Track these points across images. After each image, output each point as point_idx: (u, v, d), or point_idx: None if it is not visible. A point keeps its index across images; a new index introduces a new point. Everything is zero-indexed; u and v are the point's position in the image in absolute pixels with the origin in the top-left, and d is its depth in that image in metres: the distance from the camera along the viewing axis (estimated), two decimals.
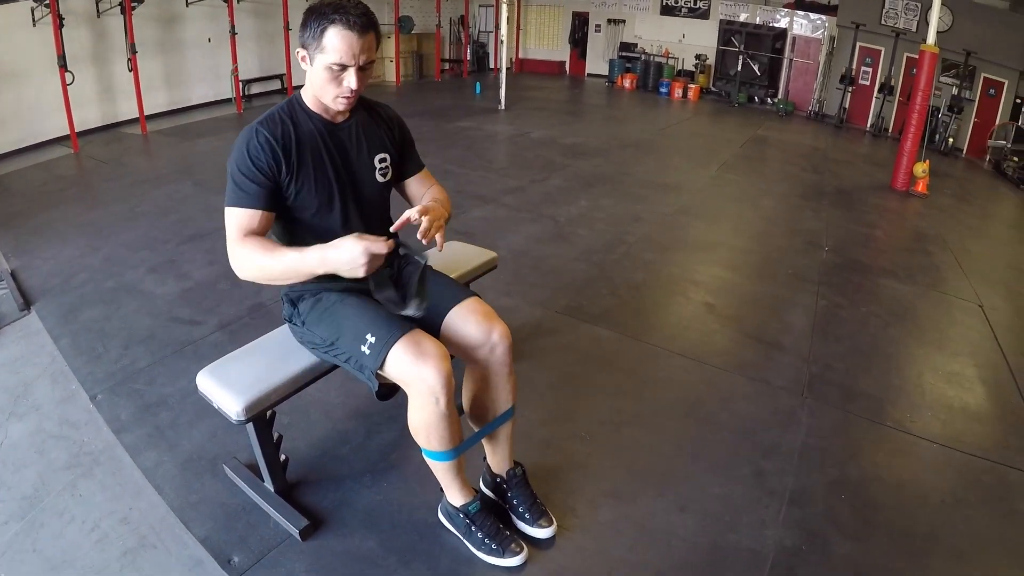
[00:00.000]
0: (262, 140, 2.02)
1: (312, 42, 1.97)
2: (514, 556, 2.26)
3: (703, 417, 3.24)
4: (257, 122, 2.07)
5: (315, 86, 2.07)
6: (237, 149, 2.04)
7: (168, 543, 2.28)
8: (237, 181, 2.02)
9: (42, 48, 7.33)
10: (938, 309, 4.90)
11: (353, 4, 1.96)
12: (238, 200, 2.02)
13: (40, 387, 3.11)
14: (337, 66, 1.97)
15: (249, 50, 10.77)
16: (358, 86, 2.03)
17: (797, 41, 14.32)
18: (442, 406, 1.98)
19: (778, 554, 2.43)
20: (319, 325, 2.19)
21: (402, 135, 2.40)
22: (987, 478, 2.99)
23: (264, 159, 2.01)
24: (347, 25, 1.92)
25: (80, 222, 5.17)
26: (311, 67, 2.03)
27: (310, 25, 1.96)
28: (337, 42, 1.93)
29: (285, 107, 2.14)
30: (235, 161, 2.03)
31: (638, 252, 5.32)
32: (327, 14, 1.93)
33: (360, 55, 1.98)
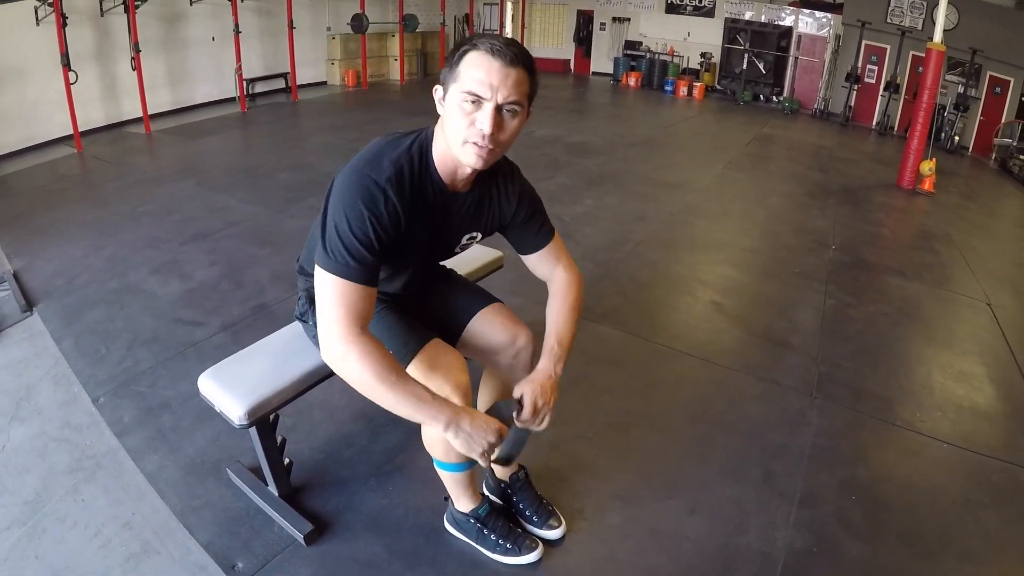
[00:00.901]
0: (390, 207, 1.68)
1: (448, 72, 1.69)
2: (531, 552, 2.25)
3: (712, 418, 3.21)
4: (385, 177, 1.69)
5: (446, 128, 1.73)
6: (352, 204, 1.66)
7: (171, 549, 2.26)
8: (349, 246, 1.65)
9: (45, 47, 7.32)
10: (946, 308, 4.87)
11: (507, 39, 1.67)
12: (350, 272, 1.65)
13: (42, 390, 3.09)
14: (470, 97, 1.63)
15: (253, 49, 10.76)
16: (492, 129, 1.63)
17: (802, 39, 14.27)
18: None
19: (789, 556, 2.40)
20: None
21: (519, 211, 2.03)
22: (997, 478, 2.96)
23: (388, 225, 1.69)
24: (490, 50, 1.62)
25: (83, 222, 5.15)
26: (445, 104, 1.72)
27: (452, 55, 1.69)
28: (474, 68, 1.62)
29: (416, 158, 1.78)
30: (350, 220, 1.65)
31: (644, 251, 5.29)
32: (471, 40, 1.67)
33: (500, 89, 1.61)
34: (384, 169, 1.70)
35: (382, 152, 1.75)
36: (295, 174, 6.76)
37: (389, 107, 11.30)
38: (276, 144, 8.43)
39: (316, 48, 12.59)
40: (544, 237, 2.08)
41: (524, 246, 2.09)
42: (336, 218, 1.66)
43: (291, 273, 4.15)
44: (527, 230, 2.06)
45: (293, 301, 2.33)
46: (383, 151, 1.76)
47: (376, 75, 13.66)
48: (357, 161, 1.73)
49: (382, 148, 1.77)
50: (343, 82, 12.93)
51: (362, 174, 1.68)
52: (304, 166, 7.16)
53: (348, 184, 1.68)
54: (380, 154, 1.74)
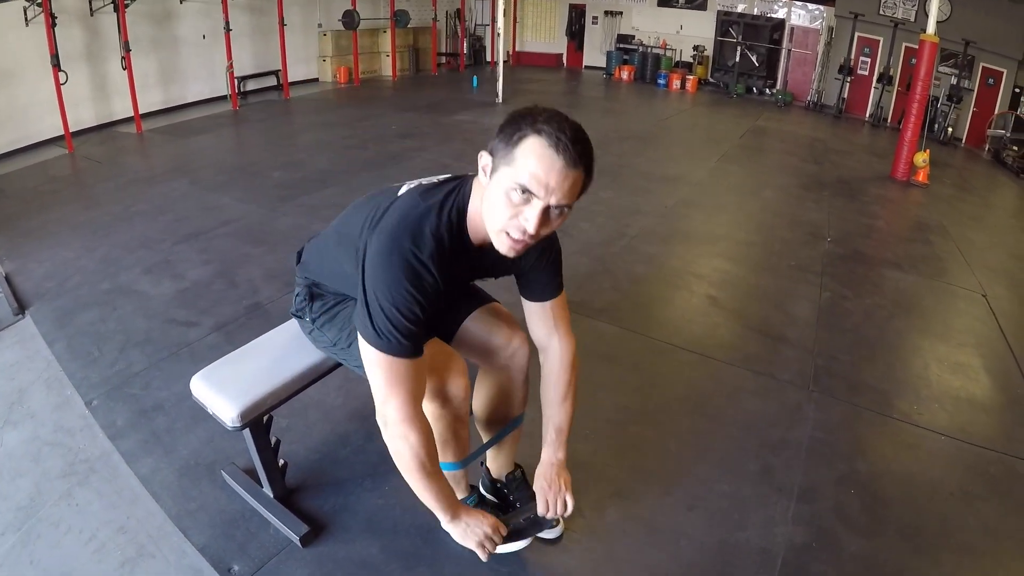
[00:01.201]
0: (433, 281, 1.63)
1: (502, 148, 1.54)
2: None
3: (709, 413, 3.21)
4: (428, 254, 1.62)
5: (485, 207, 1.62)
6: (398, 284, 1.60)
7: (167, 552, 2.24)
8: (400, 327, 1.61)
9: (35, 48, 7.25)
10: (942, 299, 4.87)
11: (573, 127, 1.51)
12: (403, 350, 1.64)
13: (35, 393, 3.06)
14: (521, 191, 1.51)
15: (244, 47, 10.69)
16: (536, 231, 1.54)
17: (795, 31, 14.25)
18: (460, 418, 1.93)
19: (788, 552, 2.40)
20: (331, 328, 2.10)
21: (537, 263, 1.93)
22: (995, 470, 2.97)
23: (432, 297, 1.65)
24: (554, 144, 1.47)
25: (75, 223, 5.11)
26: (489, 180, 1.60)
27: (507, 128, 1.53)
28: (534, 160, 1.48)
29: (455, 226, 1.69)
30: (398, 301, 1.60)
31: (639, 245, 5.28)
32: (535, 121, 1.50)
33: (556, 191, 1.50)
34: (426, 244, 1.62)
35: (422, 220, 1.65)
36: (288, 172, 6.73)
37: (381, 103, 11.26)
38: (269, 142, 8.40)
39: (307, 45, 12.53)
40: (551, 291, 1.99)
41: (528, 292, 2.00)
42: (381, 297, 1.61)
43: (285, 272, 4.16)
44: (536, 280, 1.97)
45: (287, 300, 2.31)
46: (423, 218, 1.65)
47: (368, 71, 13.60)
48: (396, 229, 1.63)
49: (421, 213, 1.66)
50: (335, 79, 12.88)
51: (404, 249, 1.60)
52: (297, 164, 7.12)
53: (391, 262, 1.60)
54: (421, 222, 1.64)
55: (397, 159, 7.41)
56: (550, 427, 2.05)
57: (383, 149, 7.86)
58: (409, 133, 8.82)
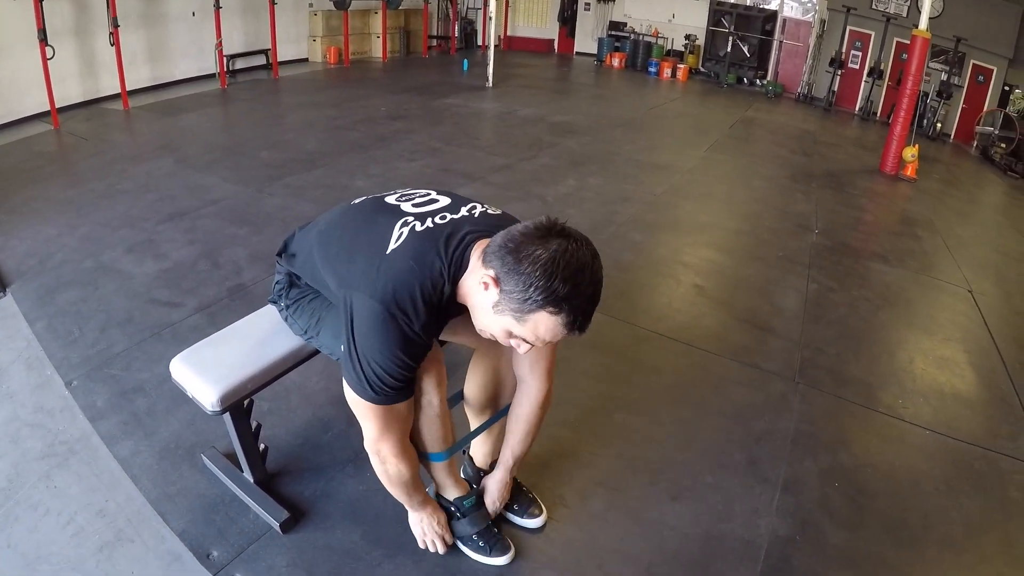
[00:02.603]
0: (424, 345, 1.69)
1: (517, 293, 1.52)
2: (502, 555, 2.21)
3: (695, 402, 3.20)
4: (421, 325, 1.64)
5: (480, 316, 1.66)
6: (389, 350, 1.63)
7: (145, 537, 2.21)
8: (391, 385, 1.67)
9: (22, 22, 7.11)
10: (928, 294, 4.88)
11: (594, 280, 1.55)
12: (397, 397, 1.72)
13: (15, 373, 3.01)
14: (524, 342, 1.62)
15: (234, 25, 10.56)
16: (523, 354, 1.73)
17: (787, 23, 14.23)
18: (436, 407, 1.88)
19: (772, 544, 2.40)
20: (303, 315, 2.11)
21: None
22: (979, 465, 2.98)
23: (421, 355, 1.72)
24: (570, 324, 1.53)
25: (58, 200, 5.04)
26: (494, 308, 1.59)
27: (520, 273, 1.50)
28: (544, 330, 1.54)
29: (447, 294, 1.68)
30: (389, 366, 1.64)
31: (627, 232, 5.26)
32: (559, 294, 1.48)
33: (552, 340, 1.60)
34: (420, 315, 1.63)
35: (414, 290, 1.62)
36: (275, 152, 6.66)
37: (371, 85, 11.16)
38: (256, 122, 8.31)
39: (298, 25, 12.40)
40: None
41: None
42: (373, 362, 1.64)
43: (270, 253, 4.10)
44: None
45: (271, 282, 2.27)
46: (416, 288, 1.63)
47: (358, 52, 13.48)
48: (390, 300, 1.61)
49: (414, 283, 1.63)
50: (325, 59, 12.75)
51: (398, 322, 1.61)
52: (285, 144, 7.05)
53: (387, 331, 1.62)
54: (414, 293, 1.62)
55: (386, 141, 7.34)
56: (507, 452, 2.18)
57: (372, 131, 7.80)
58: (398, 115, 8.75)
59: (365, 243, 1.74)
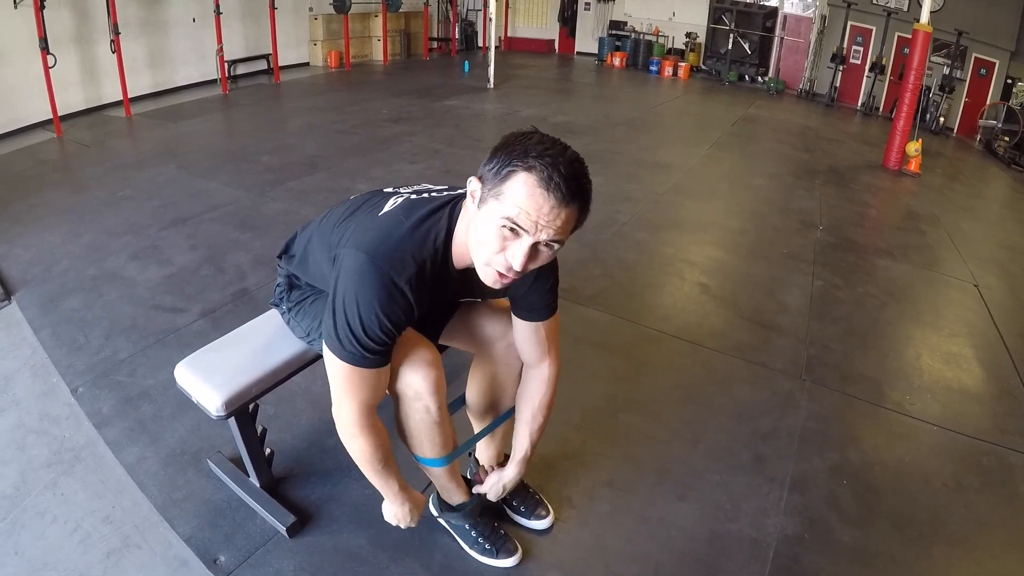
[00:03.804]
0: (406, 305, 1.61)
1: (491, 179, 1.48)
2: (509, 557, 2.20)
3: (701, 401, 3.19)
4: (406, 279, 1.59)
5: (472, 239, 1.57)
6: (368, 304, 1.57)
7: (152, 543, 2.21)
8: (363, 343, 1.60)
9: (23, 30, 7.13)
10: (934, 289, 4.86)
11: (569, 159, 1.45)
12: (365, 362, 1.64)
13: (20, 380, 3.02)
14: (509, 228, 1.46)
15: (234, 30, 10.57)
16: (523, 267, 1.50)
17: (788, 19, 14.21)
18: (433, 413, 1.83)
19: (780, 543, 2.39)
20: (304, 318, 2.09)
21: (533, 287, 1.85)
22: (987, 461, 2.96)
23: (403, 319, 1.63)
24: (546, 182, 1.41)
25: (62, 208, 5.05)
26: (477, 211, 1.53)
27: (499, 156, 1.47)
28: (523, 197, 1.43)
29: (440, 253, 1.65)
30: (365, 321, 1.58)
31: (630, 232, 5.25)
32: (527, 153, 1.43)
33: (546, 228, 1.45)
34: (406, 269, 1.58)
35: (404, 242, 1.61)
36: (277, 156, 6.66)
37: (372, 88, 11.17)
38: (258, 127, 8.31)
39: (298, 29, 12.42)
40: (542, 313, 1.92)
41: (518, 310, 1.93)
42: (349, 312, 1.59)
43: (272, 257, 4.08)
44: (528, 300, 1.89)
45: (274, 286, 2.27)
46: (405, 240, 1.61)
47: (359, 56, 13.49)
48: (376, 249, 1.59)
49: (404, 235, 1.62)
50: (326, 63, 12.77)
51: (382, 272, 1.56)
52: (286, 148, 7.06)
53: (366, 280, 1.57)
54: (401, 245, 1.60)
55: (387, 144, 7.34)
56: (526, 443, 2.07)
57: (373, 134, 7.80)
58: (399, 118, 8.75)
59: (360, 213, 1.76)
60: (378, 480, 1.86)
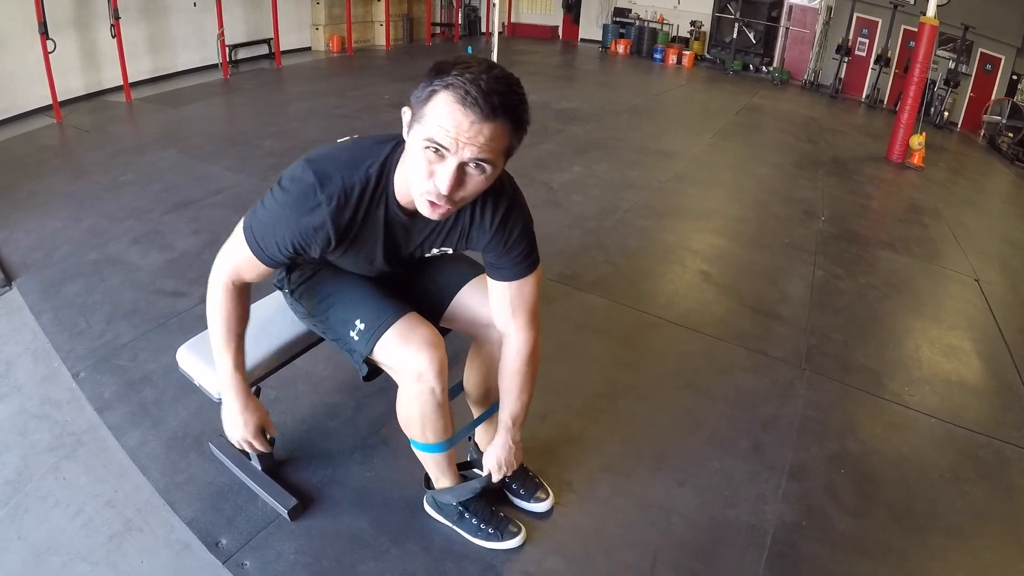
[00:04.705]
0: (321, 231, 1.63)
1: (416, 104, 1.45)
2: (513, 537, 2.20)
3: (701, 389, 3.20)
4: (327, 195, 1.60)
5: (408, 168, 1.54)
6: (280, 212, 1.63)
7: (154, 526, 2.22)
8: (263, 243, 1.68)
9: (22, 15, 7.08)
10: (935, 282, 4.87)
11: (493, 75, 1.39)
12: (256, 250, 1.70)
13: (22, 365, 3.02)
14: (432, 145, 1.41)
15: (235, 15, 10.52)
16: (450, 189, 1.44)
17: (794, 10, 14.16)
18: (438, 395, 1.84)
19: (778, 530, 2.40)
20: (309, 299, 2.06)
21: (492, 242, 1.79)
22: (985, 453, 2.97)
23: (306, 243, 1.66)
24: (462, 98, 1.36)
25: (62, 193, 5.04)
26: (408, 137, 1.50)
27: (422, 82, 1.44)
28: (442, 115, 1.38)
29: (375, 182, 1.64)
30: (275, 226, 1.65)
31: (633, 219, 5.25)
32: (448, 72, 1.38)
33: (467, 146, 1.40)
34: (332, 187, 1.60)
35: (341, 164, 1.63)
36: (279, 141, 6.65)
37: (374, 73, 11.13)
38: (259, 111, 8.30)
39: (300, 13, 12.36)
40: (512, 272, 1.85)
41: (489, 269, 1.89)
42: (268, 210, 1.65)
43: None
44: (499, 261, 1.84)
45: None
46: (342, 163, 1.64)
47: (361, 41, 13.44)
48: (316, 161, 1.63)
49: (341, 157, 1.65)
50: (328, 48, 12.72)
51: (307, 184, 1.60)
52: (288, 133, 7.04)
53: (293, 187, 1.62)
54: (338, 165, 1.63)
55: (389, 129, 7.25)
56: (505, 415, 2.03)
57: (375, 119, 7.78)
58: (401, 103, 8.44)
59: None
60: (217, 349, 1.86)
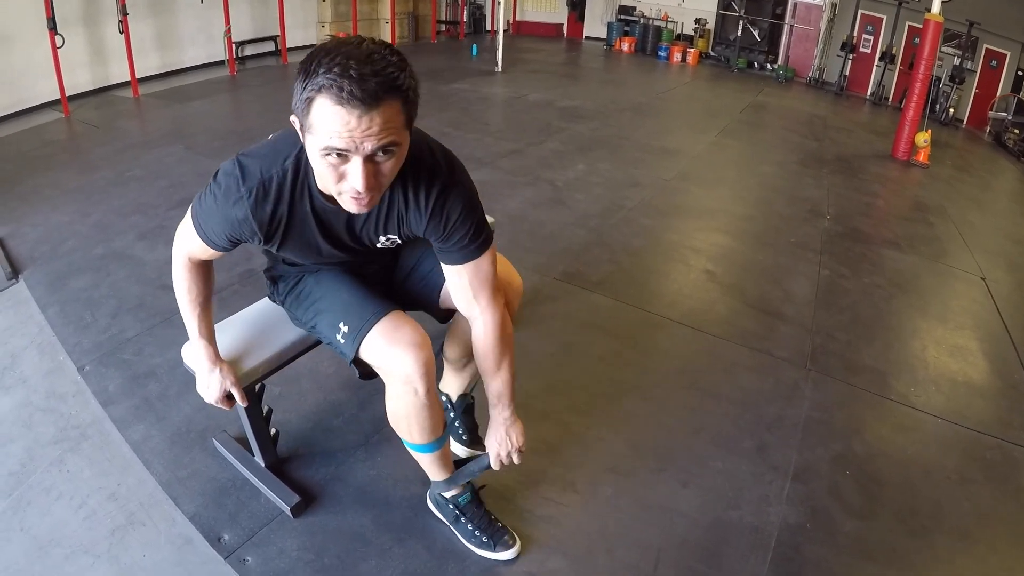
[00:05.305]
0: (240, 218, 1.63)
1: (300, 114, 1.36)
2: (507, 549, 2.18)
3: (705, 388, 3.19)
4: (247, 188, 1.60)
5: (315, 175, 1.56)
6: (213, 198, 1.65)
7: (157, 520, 2.22)
8: (202, 224, 1.71)
9: (31, 11, 7.11)
10: (941, 281, 4.85)
11: (361, 55, 1.29)
12: (200, 234, 1.74)
13: (27, 358, 3.03)
14: (332, 152, 1.35)
15: (242, 11, 10.52)
16: (365, 185, 1.39)
17: (798, 7, 14.12)
18: (422, 395, 1.81)
19: (782, 532, 2.39)
20: (297, 308, 2.07)
21: (430, 225, 1.72)
22: (991, 455, 2.96)
23: (236, 234, 1.69)
24: (339, 97, 1.27)
25: (70, 188, 5.05)
26: (305, 145, 1.43)
27: (297, 85, 1.34)
28: (328, 121, 1.30)
29: (290, 173, 1.61)
30: (207, 211, 1.68)
31: (637, 217, 5.24)
32: (316, 72, 1.29)
33: (366, 141, 1.33)
34: (251, 181, 1.60)
35: (261, 157, 1.64)
36: None
37: None
38: (266, 108, 8.30)
39: (306, 10, 12.35)
40: (462, 255, 1.79)
41: (439, 255, 1.83)
42: (206, 201, 1.69)
43: None
44: (444, 245, 1.77)
45: None
46: (263, 156, 1.64)
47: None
48: (244, 156, 1.65)
49: (266, 152, 1.65)
50: None
51: (233, 178, 1.62)
52: None
53: (222, 180, 1.64)
54: (260, 159, 1.63)
55: None
56: (491, 392, 1.98)
57: None
58: None
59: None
60: (184, 318, 2.02)
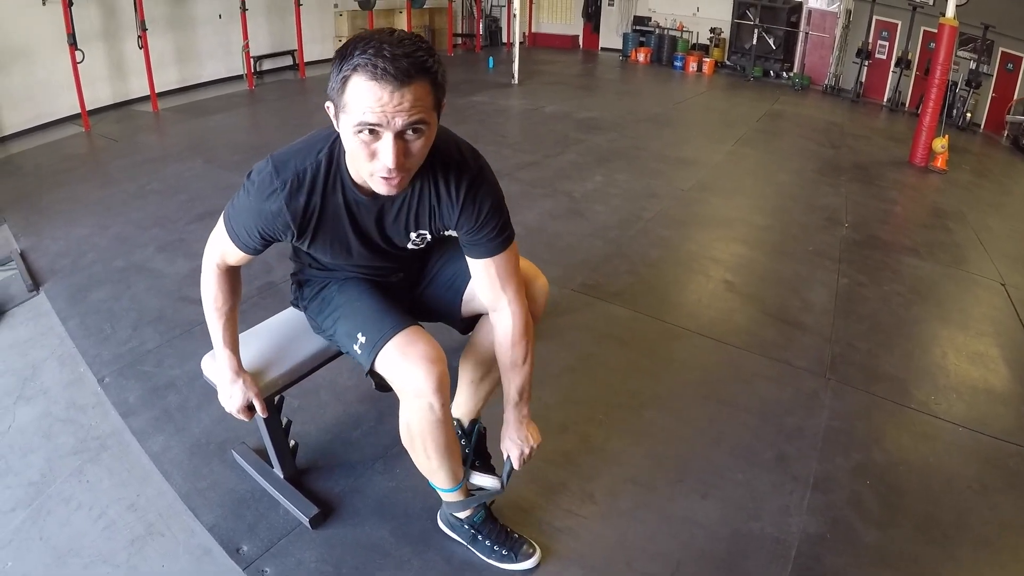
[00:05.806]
0: (279, 218, 1.71)
1: (335, 96, 1.46)
2: (527, 559, 2.17)
3: (724, 399, 3.17)
4: (281, 181, 1.67)
5: (347, 157, 1.63)
6: (244, 201, 1.73)
7: (176, 531, 2.23)
8: (235, 225, 1.78)
9: (52, 26, 7.23)
10: (960, 288, 4.80)
11: (394, 40, 1.40)
12: (232, 236, 1.80)
13: (48, 369, 3.07)
14: (365, 129, 1.43)
15: (260, 26, 10.64)
16: (396, 162, 1.46)
17: (813, 14, 14.07)
18: (437, 410, 1.80)
19: (802, 543, 2.37)
20: (319, 313, 2.09)
21: (463, 218, 1.79)
22: (1013, 463, 2.92)
23: (270, 229, 1.75)
24: (373, 74, 1.37)
25: (90, 201, 5.11)
26: (339, 128, 1.52)
27: (334, 70, 1.44)
28: (362, 97, 1.39)
29: (325, 165, 1.68)
30: (240, 210, 1.75)
31: (655, 228, 5.23)
32: (352, 55, 1.39)
33: (397, 116, 1.41)
34: (286, 173, 1.68)
35: (295, 152, 1.71)
36: None
37: None
38: (284, 121, 8.36)
39: (323, 25, 12.46)
40: (488, 248, 1.85)
41: (468, 249, 1.87)
42: (239, 200, 1.76)
43: None
44: (474, 237, 1.83)
45: None
46: (296, 151, 1.71)
47: None
48: (277, 154, 1.72)
49: (299, 147, 1.72)
50: None
51: (266, 173, 1.69)
52: None
53: (256, 178, 1.71)
54: (293, 154, 1.71)
55: None
56: (510, 388, 1.99)
57: None
58: None
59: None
60: (210, 326, 2.03)
